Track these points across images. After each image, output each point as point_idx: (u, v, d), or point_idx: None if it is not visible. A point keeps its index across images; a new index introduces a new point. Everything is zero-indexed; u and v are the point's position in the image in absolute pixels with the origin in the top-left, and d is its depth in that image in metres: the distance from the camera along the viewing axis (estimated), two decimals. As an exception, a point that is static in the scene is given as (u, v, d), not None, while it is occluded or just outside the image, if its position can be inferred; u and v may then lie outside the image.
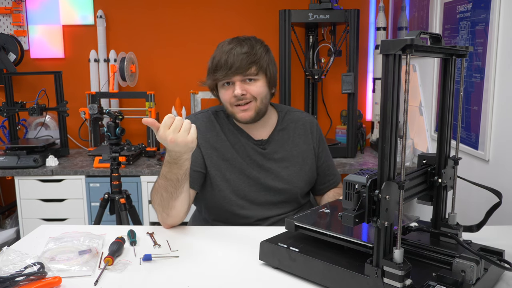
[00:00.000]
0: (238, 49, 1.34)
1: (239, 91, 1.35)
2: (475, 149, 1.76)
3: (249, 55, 1.34)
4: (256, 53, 1.35)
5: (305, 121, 1.55)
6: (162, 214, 1.30)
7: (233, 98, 1.37)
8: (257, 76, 1.37)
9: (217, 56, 1.36)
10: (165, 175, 1.24)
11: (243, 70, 1.33)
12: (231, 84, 1.37)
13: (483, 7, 1.69)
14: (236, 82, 1.35)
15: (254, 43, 1.37)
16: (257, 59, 1.35)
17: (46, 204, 2.46)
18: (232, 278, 1.01)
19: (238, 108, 1.38)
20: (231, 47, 1.35)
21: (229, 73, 1.33)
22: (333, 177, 1.59)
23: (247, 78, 1.36)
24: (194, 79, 2.85)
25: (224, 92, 1.39)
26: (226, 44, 1.37)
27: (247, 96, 1.36)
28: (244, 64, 1.33)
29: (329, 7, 2.49)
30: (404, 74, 0.78)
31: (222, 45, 1.38)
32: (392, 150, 0.80)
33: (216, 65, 1.35)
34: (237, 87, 1.35)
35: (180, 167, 1.22)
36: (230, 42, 1.38)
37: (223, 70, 1.33)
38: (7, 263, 1.01)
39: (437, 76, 2.14)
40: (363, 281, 0.86)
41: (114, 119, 1.82)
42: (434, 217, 1.03)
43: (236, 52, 1.33)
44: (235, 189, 1.43)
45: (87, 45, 2.94)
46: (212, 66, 1.38)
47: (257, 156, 1.45)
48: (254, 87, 1.37)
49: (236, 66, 1.32)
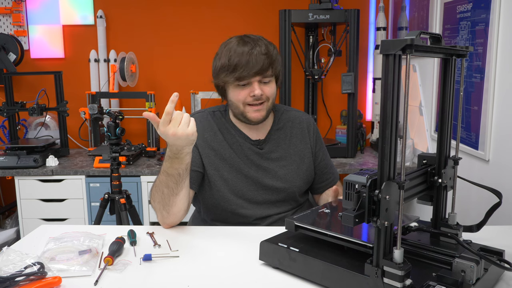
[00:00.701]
0: (258, 49, 1.34)
1: (259, 91, 1.36)
2: (475, 149, 1.76)
3: (268, 57, 1.35)
4: (273, 55, 1.37)
5: (301, 120, 1.55)
6: (162, 213, 1.30)
7: (249, 97, 1.37)
8: (271, 78, 1.39)
9: (235, 56, 1.34)
10: (166, 171, 1.25)
11: (263, 72, 1.35)
12: (247, 85, 1.37)
13: (483, 7, 1.69)
14: (253, 82, 1.36)
15: (268, 44, 1.39)
16: (273, 61, 1.37)
17: (46, 204, 2.46)
18: (232, 278, 1.01)
19: (251, 108, 1.39)
20: (250, 47, 1.34)
21: (250, 73, 1.34)
22: (331, 175, 1.59)
23: (263, 80, 1.37)
24: (194, 79, 2.90)
25: (239, 91, 1.38)
26: (241, 43, 1.35)
27: (263, 97, 1.38)
28: (265, 66, 1.34)
29: (329, 7, 2.49)
30: (404, 74, 0.78)
31: (237, 44, 1.36)
32: (392, 150, 0.80)
33: (236, 65, 1.34)
34: (257, 87, 1.36)
35: (181, 161, 1.22)
36: (245, 41, 1.36)
37: (245, 70, 1.33)
38: (7, 263, 1.01)
39: (437, 76, 2.14)
40: (363, 281, 0.86)
41: (114, 119, 1.82)
42: (434, 217, 1.03)
43: (257, 52, 1.34)
44: (233, 189, 1.43)
45: (87, 45, 2.94)
46: (229, 64, 1.35)
47: (255, 156, 1.45)
48: (269, 88, 1.39)
49: (259, 67, 1.33)
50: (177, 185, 1.26)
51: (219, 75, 1.39)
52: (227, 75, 1.36)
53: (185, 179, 1.27)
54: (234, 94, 1.39)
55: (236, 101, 1.40)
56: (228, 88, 1.40)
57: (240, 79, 1.35)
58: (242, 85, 1.37)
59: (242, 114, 1.41)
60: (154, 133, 2.71)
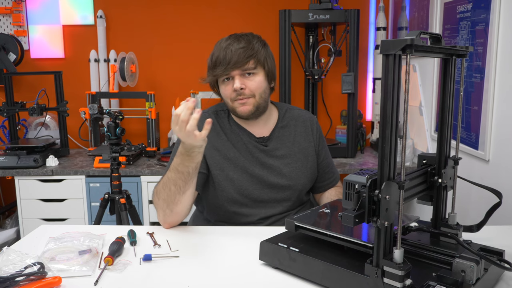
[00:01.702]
0: (235, 45, 1.36)
1: (238, 84, 1.36)
2: (475, 149, 1.76)
3: (246, 49, 1.36)
4: (253, 47, 1.37)
5: (305, 118, 1.56)
6: (165, 211, 1.30)
7: (233, 93, 1.38)
8: (255, 70, 1.39)
9: (216, 52, 1.39)
10: (176, 167, 1.26)
11: (241, 64, 1.35)
12: (230, 79, 1.39)
13: (483, 7, 1.69)
14: (235, 76, 1.37)
15: (251, 38, 1.40)
16: (254, 53, 1.37)
17: (46, 204, 2.46)
18: (232, 278, 1.01)
19: (238, 102, 1.40)
20: (228, 43, 1.37)
21: (227, 68, 1.35)
22: (332, 175, 1.59)
23: (246, 72, 1.38)
24: (194, 79, 2.86)
25: (224, 87, 1.40)
26: (224, 40, 1.40)
27: (246, 92, 1.38)
28: (242, 58, 1.35)
29: (329, 7, 2.49)
30: (404, 74, 0.78)
31: (220, 42, 1.41)
32: (392, 150, 0.80)
33: (215, 62, 1.38)
34: (236, 80, 1.37)
35: (192, 159, 1.23)
36: (228, 38, 1.40)
37: (222, 66, 1.35)
38: (7, 263, 1.01)
39: (437, 76, 2.14)
40: (363, 281, 0.86)
41: (114, 119, 1.82)
42: (434, 217, 1.03)
43: (234, 47, 1.36)
44: (239, 188, 1.43)
45: (87, 45, 2.94)
46: (211, 63, 1.40)
47: (259, 154, 1.46)
48: (253, 82, 1.39)
49: (234, 61, 1.34)
50: (186, 183, 1.27)
51: (208, 73, 1.43)
52: (211, 71, 1.40)
53: (194, 178, 1.28)
54: (222, 90, 1.43)
55: (224, 97, 1.43)
56: (219, 85, 1.44)
57: (218, 75, 1.38)
58: (227, 80, 1.39)
59: (233, 110, 1.43)
60: (154, 133, 2.71)
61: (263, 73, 1.40)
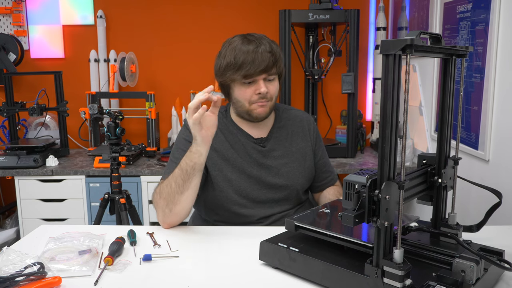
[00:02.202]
0: (263, 47, 1.35)
1: (265, 89, 1.37)
2: (475, 149, 1.76)
3: (273, 55, 1.36)
4: (276, 53, 1.38)
5: (302, 118, 1.56)
6: (165, 211, 1.30)
7: (255, 95, 1.38)
8: (275, 76, 1.41)
9: (240, 54, 1.34)
10: (180, 163, 1.30)
11: (269, 69, 1.36)
12: (252, 82, 1.38)
13: (483, 7, 1.69)
14: (259, 80, 1.37)
15: (272, 43, 1.40)
16: (277, 59, 1.38)
17: (46, 204, 2.46)
18: (232, 278, 1.01)
19: (257, 104, 1.40)
20: (255, 46, 1.35)
21: (257, 71, 1.34)
22: (330, 174, 1.60)
23: (268, 78, 1.38)
24: (194, 79, 2.90)
25: (245, 89, 1.39)
26: (246, 42, 1.36)
27: (268, 96, 1.39)
28: (271, 63, 1.36)
29: (329, 7, 2.49)
30: (404, 74, 0.78)
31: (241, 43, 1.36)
32: (392, 150, 0.80)
33: (242, 63, 1.34)
34: (262, 85, 1.37)
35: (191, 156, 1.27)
36: (249, 41, 1.36)
37: (252, 68, 1.34)
38: (7, 263, 1.01)
39: (437, 76, 2.14)
40: (363, 281, 0.86)
41: (114, 119, 1.82)
42: (434, 217, 1.03)
43: (262, 50, 1.35)
44: (237, 189, 1.43)
45: (87, 45, 2.94)
46: (235, 62, 1.35)
47: (257, 154, 1.46)
48: (273, 87, 1.40)
49: (265, 65, 1.34)
50: (184, 182, 1.27)
51: (224, 74, 1.39)
52: (233, 73, 1.36)
53: (192, 178, 1.28)
54: (240, 92, 1.40)
55: (242, 99, 1.40)
56: (233, 87, 1.41)
57: (247, 77, 1.36)
58: (248, 83, 1.38)
59: (247, 112, 1.42)
60: (154, 133, 2.71)
61: (277, 80, 1.43)
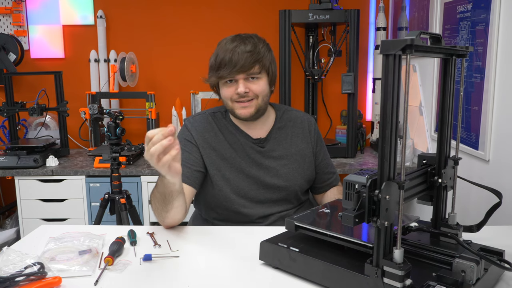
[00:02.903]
0: (242, 47, 1.34)
1: (242, 89, 1.36)
2: (475, 149, 1.76)
3: (253, 54, 1.34)
4: (260, 52, 1.36)
5: (303, 120, 1.56)
6: (161, 214, 1.29)
7: (235, 95, 1.38)
8: (259, 75, 1.38)
9: (221, 53, 1.36)
10: (158, 187, 1.23)
11: (246, 69, 1.34)
12: (233, 82, 1.38)
13: (483, 7, 1.69)
14: (239, 80, 1.36)
15: (257, 42, 1.38)
16: (260, 58, 1.36)
17: (46, 204, 2.46)
18: (232, 278, 1.01)
19: (239, 105, 1.39)
20: (234, 45, 1.35)
21: (233, 71, 1.34)
22: (332, 175, 1.59)
23: (250, 77, 1.37)
24: (194, 79, 2.89)
25: (226, 89, 1.39)
26: (229, 42, 1.37)
27: (250, 94, 1.38)
28: (248, 63, 1.34)
29: (329, 7, 2.49)
30: (404, 74, 0.78)
31: (225, 43, 1.38)
32: (392, 150, 0.80)
33: (220, 63, 1.35)
34: (241, 85, 1.36)
35: (165, 186, 1.19)
36: (233, 39, 1.37)
37: (227, 68, 1.34)
38: (7, 263, 1.01)
39: (437, 76, 2.14)
40: (363, 281, 0.86)
41: (114, 119, 1.82)
42: (434, 217, 1.03)
43: (240, 50, 1.34)
44: (235, 188, 1.43)
45: (87, 45, 2.94)
46: (215, 63, 1.37)
47: (256, 155, 1.46)
48: (256, 86, 1.38)
49: (240, 65, 1.33)
50: (166, 204, 1.23)
51: (209, 73, 1.41)
52: (214, 74, 1.38)
53: (173, 202, 1.22)
54: (223, 91, 1.41)
55: (224, 98, 1.42)
56: (220, 86, 1.42)
57: (222, 77, 1.36)
58: (229, 82, 1.38)
59: (232, 111, 1.42)
60: (154, 133, 2.71)
61: (266, 78, 1.40)
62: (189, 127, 1.47)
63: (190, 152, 1.43)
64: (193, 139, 1.45)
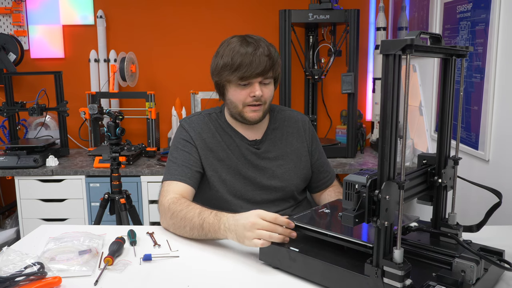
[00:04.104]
0: (261, 50, 1.34)
1: (260, 92, 1.36)
2: (475, 149, 1.76)
3: (271, 58, 1.35)
4: (274, 57, 1.37)
5: (297, 119, 1.56)
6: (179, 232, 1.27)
7: (249, 98, 1.38)
8: (271, 80, 1.40)
9: (237, 55, 1.34)
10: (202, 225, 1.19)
11: (266, 73, 1.35)
12: (248, 85, 1.37)
13: (483, 7, 1.69)
14: (255, 83, 1.36)
15: (270, 46, 1.39)
16: (274, 63, 1.38)
17: (46, 204, 2.46)
18: (232, 278, 1.01)
19: (250, 108, 1.39)
20: (253, 48, 1.34)
21: (253, 74, 1.34)
22: (328, 174, 1.60)
23: (264, 81, 1.38)
24: (194, 79, 2.90)
25: (240, 91, 1.38)
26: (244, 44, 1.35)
27: (262, 99, 1.38)
28: (268, 67, 1.35)
29: (329, 7, 2.49)
30: (404, 74, 0.78)
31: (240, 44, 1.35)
32: (392, 150, 0.80)
33: (239, 64, 1.33)
34: (257, 88, 1.36)
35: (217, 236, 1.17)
36: (247, 42, 1.35)
37: (248, 71, 1.33)
38: (7, 263, 1.01)
39: (437, 76, 2.14)
40: (363, 281, 0.86)
41: (114, 119, 1.83)
42: (434, 217, 1.03)
43: (260, 53, 1.34)
44: (231, 190, 1.43)
45: (87, 45, 2.94)
46: (232, 63, 1.34)
47: (252, 156, 1.46)
48: (268, 90, 1.40)
49: (262, 68, 1.33)
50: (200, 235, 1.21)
51: (221, 74, 1.38)
52: (230, 74, 1.35)
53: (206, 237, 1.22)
54: (235, 93, 1.39)
55: (236, 100, 1.40)
56: (228, 87, 1.40)
57: (243, 79, 1.35)
58: (243, 85, 1.37)
59: (240, 113, 1.41)
60: (154, 133, 2.71)
61: (273, 83, 1.42)
62: (187, 128, 1.47)
63: (190, 152, 1.43)
64: (192, 140, 1.45)
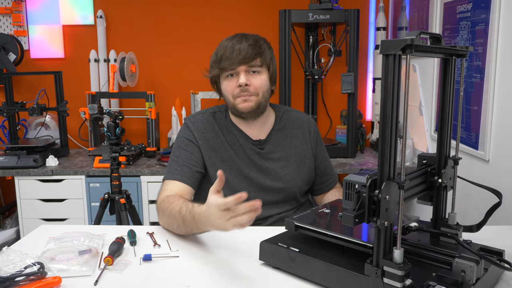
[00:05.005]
0: (244, 42, 1.37)
1: (244, 80, 1.36)
2: (475, 149, 1.76)
3: (255, 47, 1.37)
4: (261, 46, 1.38)
5: (302, 121, 1.56)
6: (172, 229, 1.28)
7: (236, 88, 1.38)
8: (260, 68, 1.39)
9: (222, 48, 1.38)
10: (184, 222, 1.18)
11: (248, 60, 1.36)
12: (235, 75, 1.38)
13: (483, 7, 1.69)
14: (240, 72, 1.37)
15: (259, 38, 1.41)
16: (262, 51, 1.38)
17: (46, 204, 2.46)
18: (232, 278, 1.01)
19: (240, 99, 1.39)
20: (236, 40, 1.38)
21: (235, 62, 1.35)
22: (331, 177, 1.59)
23: (251, 70, 1.38)
24: (194, 79, 2.89)
25: (228, 83, 1.40)
26: (230, 39, 1.40)
27: (251, 89, 1.38)
28: (250, 54, 1.35)
29: (329, 7, 2.49)
30: (404, 74, 0.78)
31: (226, 40, 1.40)
32: (392, 150, 0.80)
33: (221, 56, 1.37)
34: (242, 76, 1.37)
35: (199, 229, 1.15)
36: (234, 36, 1.40)
37: (229, 60, 1.35)
38: (7, 263, 1.01)
39: (437, 76, 2.14)
40: (363, 281, 0.86)
41: (114, 119, 1.82)
42: (434, 217, 1.03)
43: (242, 44, 1.36)
44: (233, 190, 1.43)
45: (87, 45, 2.94)
46: (217, 57, 1.39)
47: (255, 156, 1.46)
48: (257, 80, 1.39)
49: (242, 56, 1.35)
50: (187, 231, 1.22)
51: (211, 70, 1.42)
52: (215, 68, 1.39)
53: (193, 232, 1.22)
54: (224, 86, 1.41)
55: (226, 93, 1.42)
56: (221, 82, 1.43)
57: (224, 69, 1.37)
58: (230, 76, 1.39)
59: (234, 107, 1.42)
60: (154, 133, 2.71)
61: (267, 73, 1.41)
62: (191, 127, 1.47)
63: (192, 152, 1.43)
64: (195, 139, 1.45)
